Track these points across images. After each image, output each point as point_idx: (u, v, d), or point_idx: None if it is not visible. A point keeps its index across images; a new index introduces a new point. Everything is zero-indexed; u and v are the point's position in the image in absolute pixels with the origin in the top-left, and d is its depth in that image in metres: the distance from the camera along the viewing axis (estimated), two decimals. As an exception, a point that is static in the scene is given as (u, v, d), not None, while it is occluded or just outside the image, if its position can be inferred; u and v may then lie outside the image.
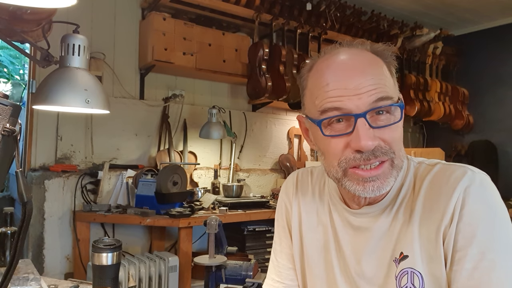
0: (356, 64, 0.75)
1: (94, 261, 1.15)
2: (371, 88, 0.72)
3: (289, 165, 3.80)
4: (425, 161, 0.84)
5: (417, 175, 0.82)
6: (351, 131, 0.72)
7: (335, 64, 0.76)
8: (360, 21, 3.87)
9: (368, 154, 0.72)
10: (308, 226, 0.94)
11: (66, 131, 2.80)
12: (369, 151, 0.71)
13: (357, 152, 0.72)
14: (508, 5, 3.94)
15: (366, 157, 0.72)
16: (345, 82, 0.73)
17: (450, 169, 0.78)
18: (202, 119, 3.24)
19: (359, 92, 0.71)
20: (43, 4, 1.13)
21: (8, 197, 3.32)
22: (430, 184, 0.78)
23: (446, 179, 0.76)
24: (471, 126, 4.52)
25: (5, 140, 0.78)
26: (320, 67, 0.78)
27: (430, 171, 0.80)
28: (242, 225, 2.98)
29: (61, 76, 1.38)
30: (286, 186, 1.03)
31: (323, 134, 0.75)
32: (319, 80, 0.76)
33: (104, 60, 2.93)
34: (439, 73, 4.55)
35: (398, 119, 0.74)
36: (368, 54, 0.77)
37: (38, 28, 1.52)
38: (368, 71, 0.73)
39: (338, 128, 0.74)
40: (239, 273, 2.00)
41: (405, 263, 0.76)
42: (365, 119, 0.71)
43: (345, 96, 0.72)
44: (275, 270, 1.01)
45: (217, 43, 3.16)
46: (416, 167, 0.83)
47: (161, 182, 2.62)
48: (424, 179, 0.79)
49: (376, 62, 0.76)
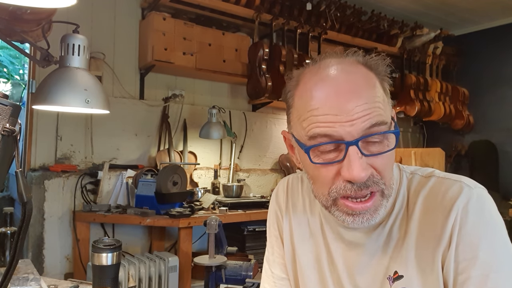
0: (348, 85, 0.68)
1: (94, 261, 1.15)
2: (365, 113, 0.65)
3: (289, 165, 3.79)
4: (418, 172, 0.79)
5: (410, 188, 0.78)
6: (342, 159, 0.67)
7: (325, 83, 0.69)
8: (360, 21, 3.87)
9: (360, 185, 0.67)
10: (300, 237, 0.90)
11: (66, 131, 2.80)
12: (362, 180, 0.67)
13: (348, 182, 0.67)
14: (508, 5, 3.94)
15: (357, 187, 0.67)
16: (336, 106, 0.66)
17: (446, 185, 0.73)
18: (202, 119, 3.24)
19: (351, 118, 0.65)
20: (43, 4, 1.13)
21: (8, 197, 3.31)
22: (425, 202, 0.74)
23: (441, 197, 0.72)
24: (471, 126, 4.52)
25: (5, 140, 0.77)
26: (308, 86, 0.71)
27: (424, 186, 0.76)
28: (242, 225, 2.97)
29: (61, 76, 1.38)
30: (277, 194, 0.98)
31: (312, 162, 0.69)
32: (307, 102, 0.69)
33: (104, 60, 2.93)
34: (439, 73, 4.55)
35: (392, 146, 0.68)
36: (361, 70, 0.70)
37: (38, 28, 1.52)
38: (362, 94, 0.66)
39: (327, 155, 0.68)
40: (239, 273, 2.00)
41: (400, 283, 0.73)
42: (357, 147, 0.65)
43: (336, 122, 0.65)
44: (268, 280, 0.98)
45: (217, 43, 3.16)
46: (409, 178, 0.79)
47: (161, 182, 2.62)
48: (419, 195, 0.75)
49: (369, 80, 0.69)
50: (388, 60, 0.74)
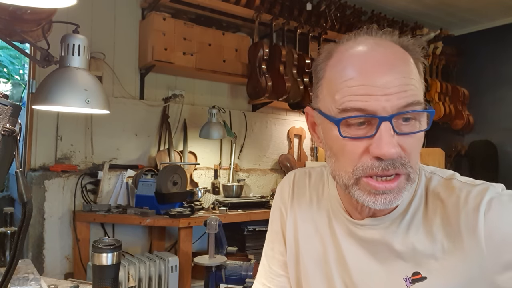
0: (385, 58, 0.65)
1: (94, 261, 1.15)
2: (401, 89, 0.63)
3: (289, 165, 3.79)
4: (438, 172, 0.76)
5: (428, 188, 0.74)
6: (372, 134, 0.64)
7: (361, 54, 0.67)
8: (360, 21, 3.87)
9: (387, 164, 0.64)
10: (304, 235, 0.87)
11: (66, 131, 2.80)
12: (390, 160, 0.63)
13: (376, 159, 0.64)
14: (508, 5, 3.94)
15: (384, 166, 0.64)
16: (372, 77, 0.63)
17: (469, 187, 0.70)
18: (202, 119, 3.24)
19: (387, 92, 0.62)
20: (43, 4, 1.13)
21: (8, 197, 3.31)
22: (448, 204, 0.70)
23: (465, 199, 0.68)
24: (471, 126, 4.52)
25: (5, 140, 0.77)
26: (343, 56, 0.68)
27: (447, 188, 0.72)
28: (242, 225, 2.98)
29: (61, 76, 1.38)
30: (282, 188, 0.95)
31: (341, 135, 0.65)
32: (341, 71, 0.67)
33: (104, 60, 2.93)
34: (439, 73, 4.54)
35: (424, 127, 0.66)
36: (396, 48, 0.68)
37: (38, 28, 1.52)
38: (399, 68, 0.64)
39: (357, 130, 0.65)
40: (239, 273, 2.01)
41: (423, 285, 0.69)
42: (390, 123, 0.62)
43: (371, 95, 0.63)
44: (265, 275, 0.96)
45: (217, 43, 3.16)
46: (427, 177, 0.75)
47: (161, 182, 2.62)
48: (441, 197, 0.72)
49: (406, 58, 0.67)
50: (424, 43, 0.72)
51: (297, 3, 3.47)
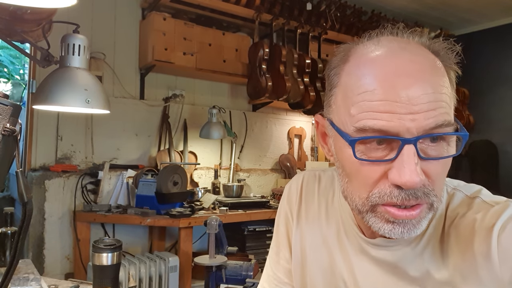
0: (412, 66, 0.54)
1: (94, 261, 1.15)
2: (430, 107, 0.53)
3: (290, 165, 3.79)
4: (462, 189, 0.67)
5: (449, 206, 0.65)
6: (393, 158, 0.54)
7: (384, 60, 0.56)
8: (361, 21, 3.87)
9: (409, 194, 0.54)
10: (312, 244, 0.80)
11: (66, 131, 2.80)
12: (412, 189, 0.54)
13: (396, 187, 0.55)
14: (508, 5, 3.94)
15: (405, 196, 0.54)
16: (396, 91, 0.53)
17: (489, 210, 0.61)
18: (202, 119, 3.24)
19: (413, 110, 0.52)
20: (43, 4, 1.13)
21: (8, 197, 3.32)
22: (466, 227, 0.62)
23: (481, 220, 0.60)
24: (471, 126, 4.52)
25: (5, 140, 0.77)
26: (361, 61, 0.58)
27: (468, 209, 0.63)
28: (242, 225, 2.98)
29: (61, 76, 1.38)
30: (289, 192, 0.87)
31: (356, 157, 0.56)
32: (359, 80, 0.56)
33: (104, 60, 2.93)
34: (439, 73, 4.54)
35: (453, 152, 0.56)
36: (426, 53, 0.57)
37: (38, 28, 1.52)
38: (429, 80, 0.54)
39: (375, 152, 0.56)
40: (239, 273, 2.01)
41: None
42: (415, 147, 0.53)
43: (394, 113, 0.53)
44: (268, 280, 0.91)
45: (217, 43, 3.16)
46: (450, 194, 0.67)
47: (161, 182, 2.62)
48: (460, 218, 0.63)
49: (437, 67, 0.56)
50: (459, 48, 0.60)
51: (297, 3, 3.47)
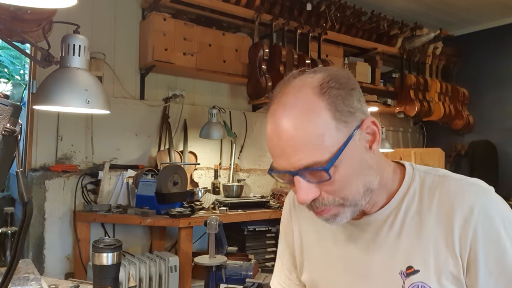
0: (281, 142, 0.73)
1: (94, 261, 1.16)
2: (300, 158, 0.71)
3: (289, 165, 3.79)
4: (431, 171, 0.83)
5: (423, 185, 0.80)
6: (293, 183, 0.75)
7: (270, 130, 0.75)
8: (360, 22, 3.87)
9: (308, 206, 0.76)
10: (309, 243, 0.94)
11: (66, 131, 2.80)
12: (307, 203, 0.74)
13: None
14: (508, 5, 3.94)
15: (308, 206, 0.76)
16: (278, 153, 0.74)
17: (463, 186, 0.77)
18: (202, 119, 3.24)
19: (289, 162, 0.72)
20: (44, 4, 1.14)
21: (9, 197, 3.32)
22: (442, 201, 0.77)
23: (460, 197, 0.75)
24: (471, 126, 4.52)
25: (5, 140, 0.78)
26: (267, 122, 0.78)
27: (440, 184, 0.79)
28: (242, 225, 2.98)
29: (61, 76, 1.38)
30: (288, 201, 1.03)
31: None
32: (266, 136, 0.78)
33: (104, 60, 2.93)
34: (439, 73, 4.55)
35: (327, 178, 0.71)
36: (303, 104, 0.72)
37: (39, 29, 1.52)
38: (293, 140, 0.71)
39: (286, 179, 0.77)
40: (239, 273, 2.01)
41: (416, 277, 0.76)
42: (299, 176, 0.72)
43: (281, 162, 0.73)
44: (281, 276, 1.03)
45: (217, 43, 3.16)
46: (422, 177, 0.82)
47: (161, 182, 2.62)
48: (435, 193, 0.78)
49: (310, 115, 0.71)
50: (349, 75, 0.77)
51: (297, 4, 3.47)
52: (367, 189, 0.76)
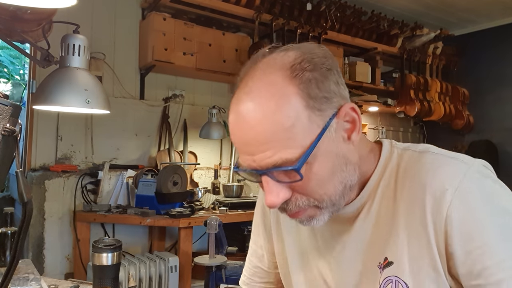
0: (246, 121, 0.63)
1: (94, 261, 1.16)
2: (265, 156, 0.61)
3: (289, 165, 3.80)
4: (411, 147, 0.73)
5: (400, 164, 0.71)
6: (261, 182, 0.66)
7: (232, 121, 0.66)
8: (360, 21, 3.87)
9: (279, 208, 0.66)
10: (287, 231, 0.86)
11: (66, 131, 2.80)
12: (276, 207, 0.65)
13: None
14: (508, 5, 3.94)
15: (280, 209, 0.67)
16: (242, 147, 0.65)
17: (439, 161, 0.67)
18: (202, 119, 3.24)
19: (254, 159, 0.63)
20: (44, 4, 1.14)
21: (8, 197, 3.32)
22: (414, 180, 0.67)
23: (432, 175, 0.65)
24: (471, 126, 4.52)
25: (5, 140, 0.78)
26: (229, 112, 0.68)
27: (417, 162, 0.69)
28: (242, 225, 2.97)
29: (61, 76, 1.38)
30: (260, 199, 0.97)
31: None
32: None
33: (104, 60, 2.93)
34: (439, 73, 4.55)
35: (299, 178, 0.62)
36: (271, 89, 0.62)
37: (38, 28, 1.52)
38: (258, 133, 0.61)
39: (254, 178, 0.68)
40: (239, 273, 2.00)
41: (390, 270, 0.68)
42: (267, 176, 0.63)
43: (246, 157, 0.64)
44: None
45: (217, 43, 3.16)
46: (400, 154, 0.72)
47: (161, 182, 2.62)
48: (410, 172, 0.68)
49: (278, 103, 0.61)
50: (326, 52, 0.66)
51: (297, 3, 3.47)
52: (345, 186, 0.66)
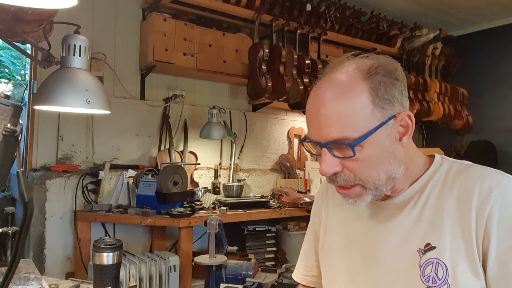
0: (321, 101, 0.78)
1: (95, 261, 1.16)
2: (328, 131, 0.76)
3: (289, 165, 3.80)
4: (459, 161, 0.87)
5: (450, 172, 0.84)
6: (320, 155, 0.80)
7: (311, 99, 0.81)
8: (360, 22, 3.88)
9: (329, 178, 0.81)
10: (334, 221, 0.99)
11: (67, 131, 2.81)
12: (327, 176, 0.80)
13: None
14: (507, 5, 3.94)
15: (329, 178, 0.81)
16: (311, 117, 0.80)
17: (485, 172, 0.80)
18: (203, 119, 3.25)
19: (320, 132, 0.77)
20: (44, 5, 1.14)
21: (9, 197, 3.32)
22: (464, 184, 0.80)
23: (480, 182, 0.78)
24: (470, 126, 4.52)
25: (6, 140, 0.78)
26: (311, 90, 0.83)
27: (466, 171, 0.82)
28: (242, 225, 2.98)
29: (62, 76, 1.39)
30: (321, 187, 1.08)
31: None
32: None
33: (105, 60, 2.94)
34: (438, 73, 4.55)
35: (351, 155, 0.76)
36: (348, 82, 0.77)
37: (39, 29, 1.53)
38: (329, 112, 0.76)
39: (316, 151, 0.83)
40: (239, 273, 2.01)
41: (432, 253, 0.78)
42: (326, 149, 0.77)
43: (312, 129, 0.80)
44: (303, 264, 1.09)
45: (218, 43, 3.17)
46: (450, 165, 0.86)
47: (161, 182, 2.63)
48: (458, 177, 0.82)
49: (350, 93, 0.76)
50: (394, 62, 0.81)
51: (297, 4, 3.48)
52: (389, 176, 0.79)
